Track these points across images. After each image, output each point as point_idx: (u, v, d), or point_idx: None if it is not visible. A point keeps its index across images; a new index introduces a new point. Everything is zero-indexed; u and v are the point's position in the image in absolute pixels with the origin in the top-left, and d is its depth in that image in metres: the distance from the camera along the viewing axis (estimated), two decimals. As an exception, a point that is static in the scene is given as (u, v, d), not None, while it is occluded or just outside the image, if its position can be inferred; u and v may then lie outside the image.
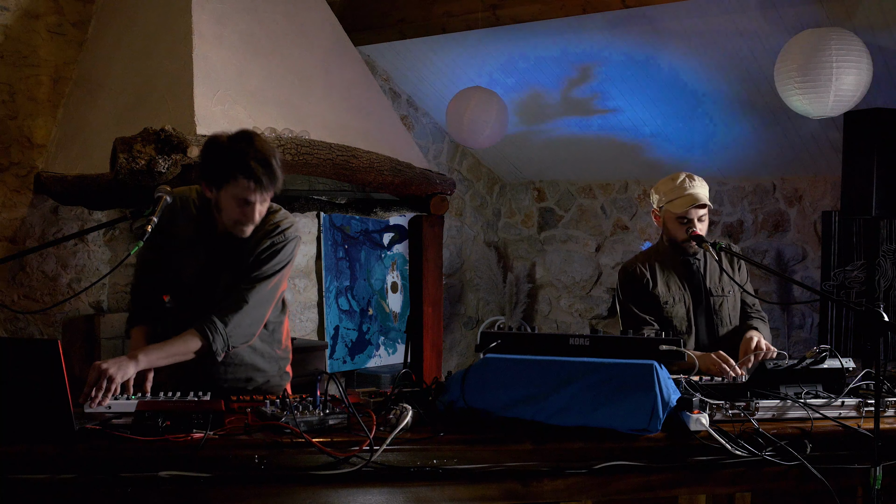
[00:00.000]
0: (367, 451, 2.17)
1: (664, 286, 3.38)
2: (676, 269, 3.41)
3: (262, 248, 2.73)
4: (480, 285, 7.11)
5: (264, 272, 2.72)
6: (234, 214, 2.62)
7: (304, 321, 5.89)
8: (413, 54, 5.87)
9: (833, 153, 5.28)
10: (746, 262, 3.36)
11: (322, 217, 5.96)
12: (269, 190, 2.59)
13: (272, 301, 2.79)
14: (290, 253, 2.78)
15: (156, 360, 2.58)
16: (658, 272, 3.39)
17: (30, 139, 4.47)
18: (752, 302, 3.53)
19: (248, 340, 2.75)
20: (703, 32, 4.79)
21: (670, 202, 3.30)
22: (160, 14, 4.20)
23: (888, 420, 2.50)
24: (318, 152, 4.06)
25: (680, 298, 3.37)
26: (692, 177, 3.33)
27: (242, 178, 2.54)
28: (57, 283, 4.60)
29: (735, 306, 3.46)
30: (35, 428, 2.14)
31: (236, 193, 2.57)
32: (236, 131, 2.65)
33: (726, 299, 3.42)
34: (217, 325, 2.63)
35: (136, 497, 2.10)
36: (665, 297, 3.36)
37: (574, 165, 6.67)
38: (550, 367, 2.33)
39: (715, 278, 3.41)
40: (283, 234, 2.75)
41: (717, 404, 2.42)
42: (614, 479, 2.31)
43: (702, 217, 3.31)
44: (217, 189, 2.60)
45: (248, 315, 2.69)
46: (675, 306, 3.36)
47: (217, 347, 2.63)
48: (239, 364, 2.87)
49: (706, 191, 3.34)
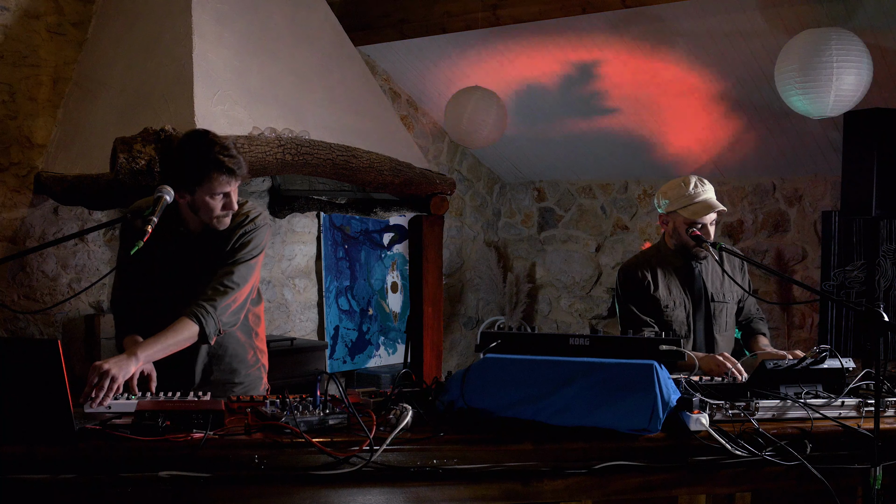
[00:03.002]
0: (367, 451, 2.17)
1: (665, 290, 3.36)
2: (678, 272, 3.39)
3: (236, 237, 2.81)
4: (480, 285, 7.11)
5: (242, 257, 2.81)
6: (214, 210, 2.71)
7: (304, 321, 5.89)
8: (413, 54, 5.87)
9: (833, 153, 5.28)
10: (747, 262, 3.35)
11: (322, 217, 5.96)
12: (240, 177, 2.70)
13: (251, 288, 2.86)
14: (262, 238, 2.87)
15: (154, 353, 2.60)
16: (659, 275, 3.38)
17: (30, 139, 4.47)
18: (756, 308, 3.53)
19: (236, 324, 2.81)
20: (703, 32, 4.79)
21: (683, 208, 3.27)
22: (160, 14, 4.20)
23: (888, 420, 2.50)
24: (318, 152, 4.06)
25: (680, 303, 3.36)
26: (702, 181, 3.31)
27: (216, 174, 2.64)
28: (57, 283, 4.60)
29: (732, 312, 3.46)
30: (35, 428, 2.13)
31: (213, 189, 2.66)
32: (188, 134, 2.76)
33: (726, 306, 3.41)
34: (207, 309, 2.68)
35: (136, 497, 2.11)
36: (666, 300, 3.35)
37: (574, 165, 6.67)
38: (550, 367, 2.33)
39: (717, 284, 3.39)
40: (252, 222, 2.84)
41: (717, 404, 2.42)
42: (614, 479, 2.31)
43: (712, 222, 3.30)
44: (192, 192, 2.68)
45: (234, 298, 2.76)
46: (675, 310, 3.35)
47: (210, 331, 2.68)
48: (223, 355, 2.93)
49: (714, 194, 3.33)
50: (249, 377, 3.01)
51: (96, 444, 2.15)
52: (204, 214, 2.73)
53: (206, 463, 2.13)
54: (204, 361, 2.91)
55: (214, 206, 2.70)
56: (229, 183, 2.68)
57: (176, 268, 2.84)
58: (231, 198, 2.71)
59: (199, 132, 2.75)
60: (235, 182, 2.70)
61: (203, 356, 2.91)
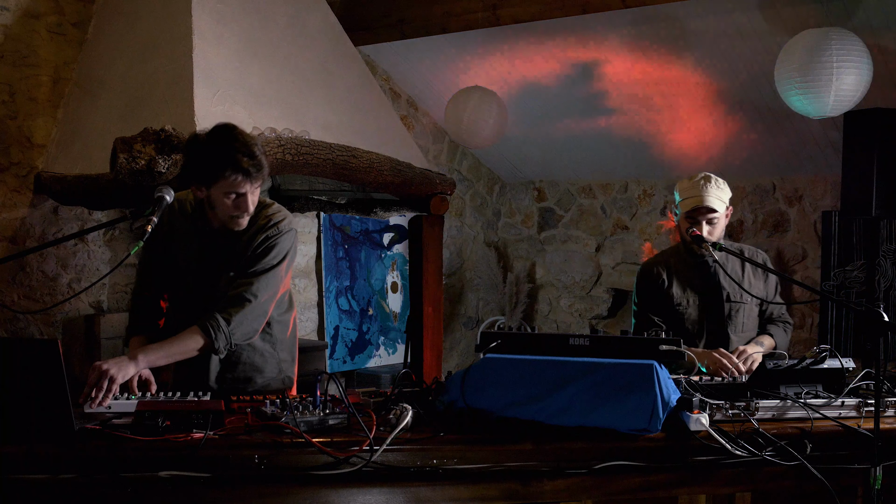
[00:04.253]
0: (367, 451, 2.17)
1: (679, 288, 3.34)
2: (695, 270, 3.36)
3: (257, 242, 2.74)
4: (480, 285, 7.10)
5: (262, 266, 2.72)
6: (228, 209, 2.64)
7: (304, 321, 5.89)
8: (413, 54, 5.87)
9: (833, 153, 5.28)
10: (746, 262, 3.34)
11: (322, 217, 5.96)
12: (258, 179, 2.62)
13: (274, 297, 2.78)
14: (288, 246, 2.78)
15: (156, 359, 2.57)
16: (674, 273, 3.36)
17: (30, 139, 4.47)
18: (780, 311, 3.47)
19: (250, 337, 2.74)
20: (703, 32, 4.79)
21: (683, 201, 3.27)
22: (160, 14, 4.20)
23: (888, 420, 2.50)
24: (318, 152, 4.06)
25: (694, 301, 3.34)
26: (709, 178, 3.26)
27: (232, 173, 2.56)
28: (57, 283, 4.60)
29: (752, 315, 3.40)
30: (35, 428, 2.13)
31: (227, 188, 2.60)
32: (214, 127, 2.66)
33: (744, 307, 3.35)
34: (220, 323, 2.63)
35: (136, 497, 2.11)
36: (679, 298, 3.33)
37: (574, 165, 6.67)
38: (550, 367, 2.33)
39: (734, 285, 3.33)
40: (276, 227, 2.76)
41: (717, 404, 2.42)
42: (614, 479, 2.31)
43: (712, 220, 3.22)
44: (207, 187, 2.63)
45: (250, 312, 2.68)
46: (687, 309, 3.33)
47: (219, 345, 2.63)
48: (237, 363, 2.86)
49: (723, 194, 3.26)
50: (268, 388, 2.90)
51: (96, 444, 2.15)
52: (219, 212, 2.67)
53: (206, 463, 2.13)
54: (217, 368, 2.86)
55: (227, 206, 2.63)
56: (244, 184, 2.59)
57: (197, 267, 2.79)
58: (246, 199, 2.63)
59: (227, 126, 2.66)
60: (252, 184, 2.62)
61: (216, 361, 2.85)
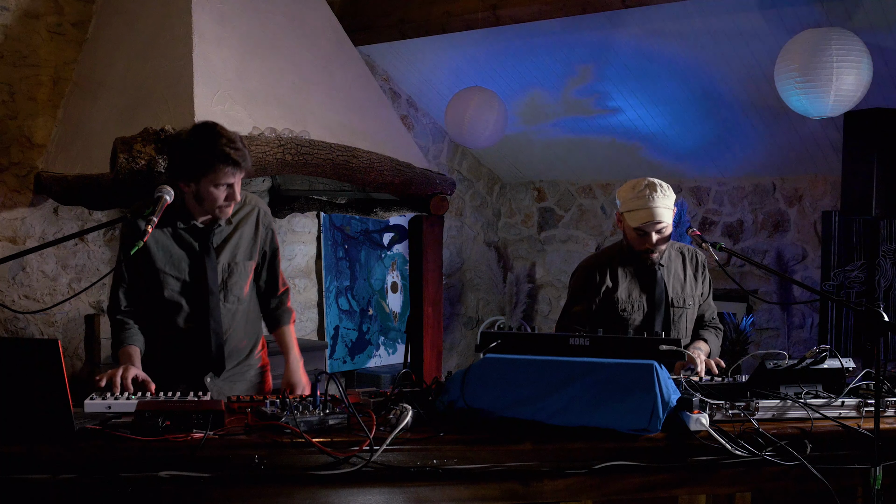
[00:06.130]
0: (367, 451, 2.17)
1: (625, 292, 3.30)
2: (639, 275, 3.33)
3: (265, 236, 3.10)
4: (480, 285, 7.11)
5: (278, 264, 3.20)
6: (217, 200, 2.81)
7: (304, 321, 5.89)
8: (413, 54, 5.87)
9: (833, 153, 5.28)
10: (747, 262, 3.33)
11: (322, 217, 5.96)
12: (244, 169, 2.81)
13: None
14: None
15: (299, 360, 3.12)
16: (620, 276, 3.32)
17: (30, 139, 4.47)
18: (711, 315, 3.46)
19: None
20: (702, 32, 4.79)
21: (629, 212, 3.19)
22: (160, 14, 4.20)
23: (888, 420, 2.50)
24: (318, 152, 4.06)
25: (639, 306, 3.30)
26: (654, 186, 3.16)
27: (221, 165, 2.73)
28: (57, 283, 4.60)
29: (692, 319, 3.40)
30: (35, 428, 2.14)
31: (218, 180, 2.76)
32: (195, 125, 2.86)
33: (686, 312, 3.35)
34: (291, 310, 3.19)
35: (136, 497, 2.11)
36: (624, 303, 3.29)
37: (574, 165, 6.67)
38: (550, 367, 2.33)
39: (678, 289, 3.33)
40: (267, 215, 3.12)
41: (717, 404, 2.42)
42: (614, 479, 2.31)
43: (661, 230, 3.17)
44: (197, 182, 2.77)
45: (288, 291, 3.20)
46: (633, 314, 3.30)
47: None
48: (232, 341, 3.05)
49: (670, 201, 3.19)
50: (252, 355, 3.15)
51: (96, 444, 2.15)
52: (207, 204, 2.82)
53: (206, 463, 2.13)
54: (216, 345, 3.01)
55: (218, 197, 2.80)
56: (233, 175, 2.77)
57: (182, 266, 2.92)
58: (234, 189, 2.81)
59: (208, 124, 2.83)
60: (240, 174, 2.80)
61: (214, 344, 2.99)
